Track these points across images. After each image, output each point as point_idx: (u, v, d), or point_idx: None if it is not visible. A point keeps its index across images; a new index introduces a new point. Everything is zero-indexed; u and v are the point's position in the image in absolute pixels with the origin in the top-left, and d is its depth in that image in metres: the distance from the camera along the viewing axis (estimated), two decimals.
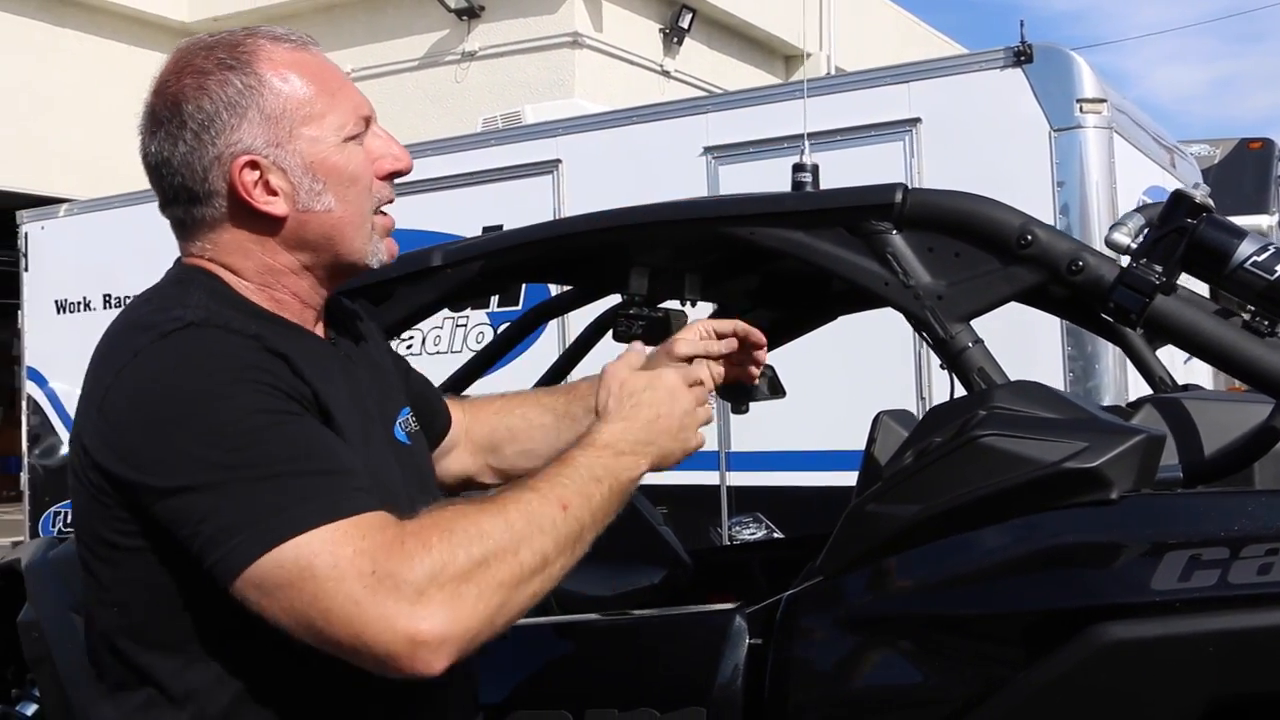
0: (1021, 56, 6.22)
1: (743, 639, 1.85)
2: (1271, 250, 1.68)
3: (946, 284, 1.85)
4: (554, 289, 6.60)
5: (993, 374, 1.83)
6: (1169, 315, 1.72)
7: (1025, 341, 5.53)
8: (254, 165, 1.36)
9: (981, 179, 6.00)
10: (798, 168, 2.23)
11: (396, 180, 1.47)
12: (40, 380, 9.33)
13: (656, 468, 1.46)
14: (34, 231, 9.48)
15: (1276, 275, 1.66)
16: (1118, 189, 6.23)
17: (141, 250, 8.81)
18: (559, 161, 7.39)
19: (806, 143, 2.48)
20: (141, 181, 1.46)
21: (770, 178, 3.62)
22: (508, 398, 1.86)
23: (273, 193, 1.38)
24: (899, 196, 1.86)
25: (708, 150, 6.96)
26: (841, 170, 5.33)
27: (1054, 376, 5.96)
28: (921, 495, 1.72)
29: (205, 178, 1.36)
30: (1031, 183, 6.12)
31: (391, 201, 1.47)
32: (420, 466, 1.57)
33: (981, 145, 6.32)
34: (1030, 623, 1.64)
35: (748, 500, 6.64)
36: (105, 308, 9.02)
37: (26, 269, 9.49)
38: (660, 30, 13.37)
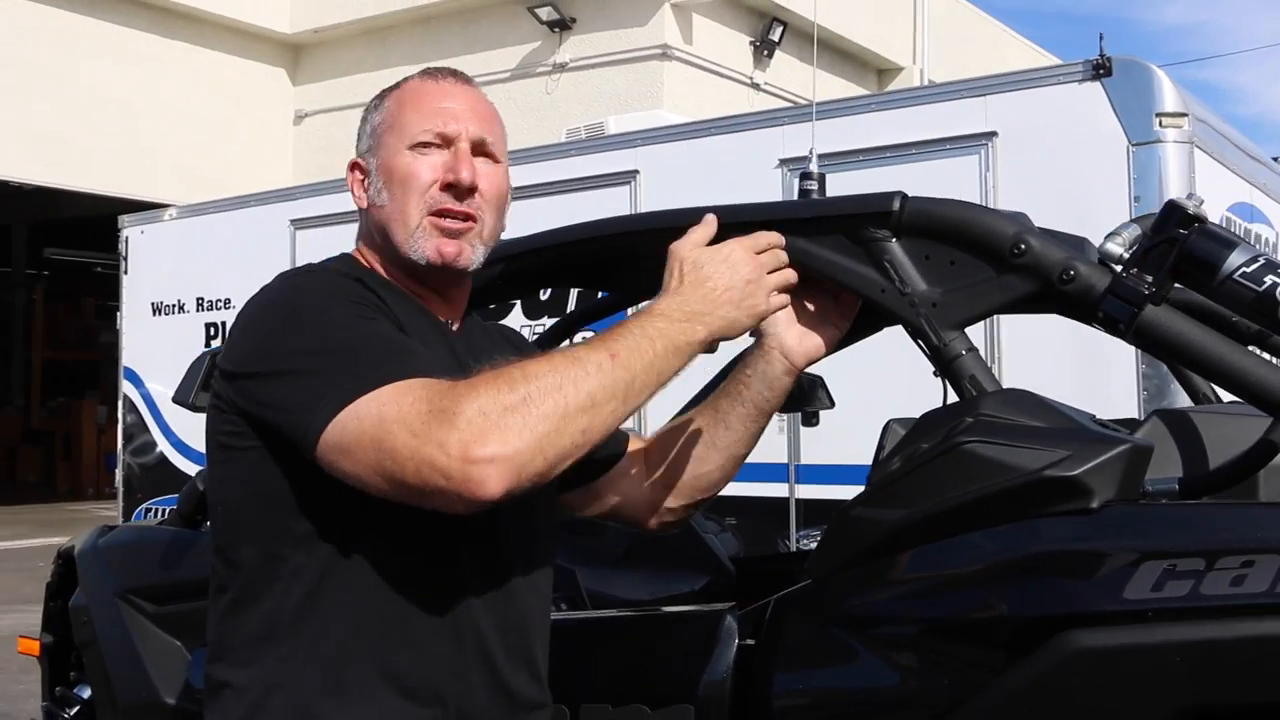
0: (1100, 70, 6.13)
1: (733, 639, 1.88)
2: (1262, 261, 1.66)
3: (942, 291, 1.86)
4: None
5: (984, 381, 1.83)
6: (1158, 326, 1.71)
7: (1098, 358, 5.47)
8: (355, 166, 1.70)
9: (1058, 193, 6.03)
10: (804, 176, 2.26)
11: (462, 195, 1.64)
12: (136, 380, 9.64)
13: (724, 335, 1.59)
14: (134, 236, 9.81)
15: (1265, 286, 1.64)
16: None
17: (235, 255, 9.16)
18: (636, 172, 7.47)
19: (814, 155, 2.49)
20: (238, 188, 1.68)
21: (845, 190, 3.63)
22: (679, 422, 1.93)
23: (364, 189, 1.68)
24: (897, 204, 1.88)
25: (783, 162, 6.97)
26: (918, 184, 5.30)
27: (1128, 393, 5.87)
28: (906, 500, 1.73)
29: (348, 179, 1.71)
30: (1108, 197, 6.03)
31: (449, 211, 1.63)
32: None
33: (1058, 159, 6.25)
34: (1008, 628, 1.64)
35: (817, 513, 6.63)
36: (198, 310, 9.31)
37: (126, 272, 9.83)
38: (751, 43, 13.41)
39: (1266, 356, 1.93)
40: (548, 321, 7.48)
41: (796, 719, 1.80)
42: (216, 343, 9.20)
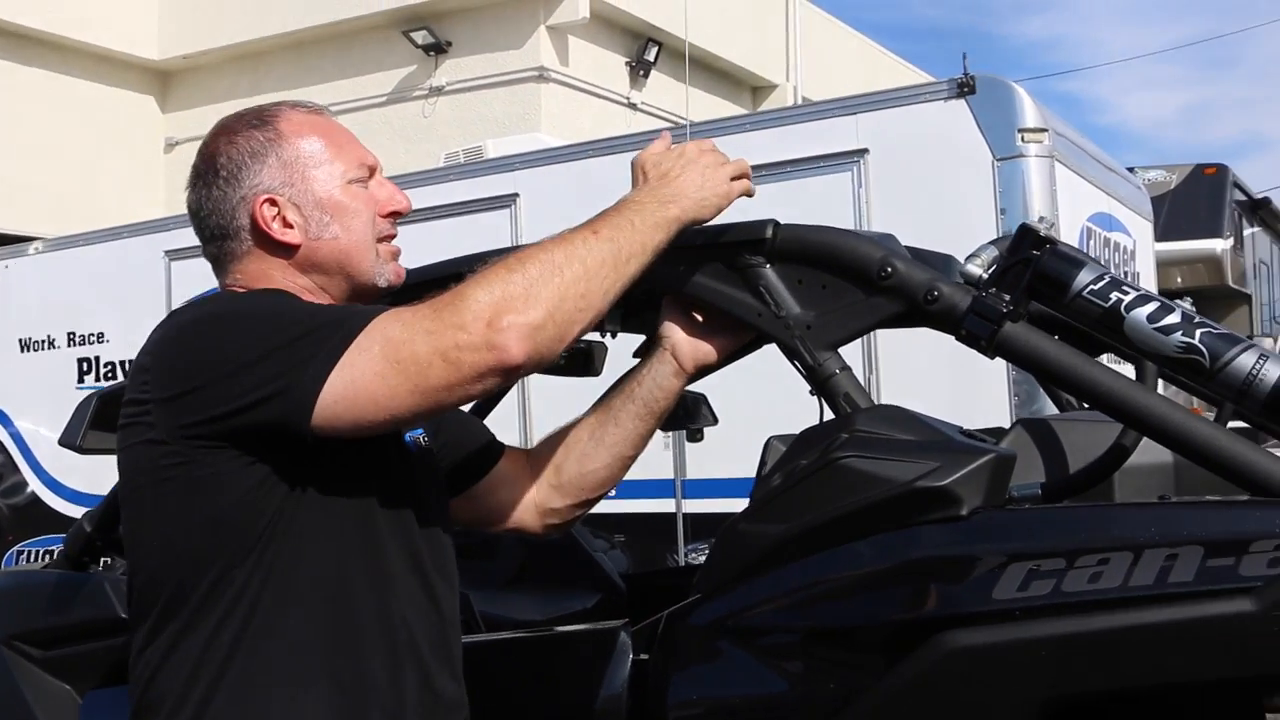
0: (965, 88, 6.36)
1: (627, 654, 1.94)
2: (1107, 280, 1.78)
3: (815, 314, 1.94)
4: None
5: (857, 399, 1.92)
6: (1016, 341, 1.82)
7: (970, 369, 5.66)
8: (272, 202, 1.66)
9: (928, 208, 6.23)
10: None
11: (398, 219, 1.75)
12: (5, 420, 9.36)
13: (697, 216, 1.76)
14: None
15: (1110, 302, 1.76)
16: (1060, 216, 6.36)
17: (107, 288, 8.96)
18: (516, 195, 7.51)
19: None
20: (110, 219, 1.66)
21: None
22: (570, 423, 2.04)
23: (288, 225, 1.67)
24: (770, 232, 1.96)
25: None
26: (794, 201, 5.47)
27: (1000, 400, 6.08)
28: (788, 514, 1.82)
29: (234, 215, 1.67)
30: (976, 211, 6.25)
31: (394, 236, 1.74)
32: (432, 469, 1.81)
33: (927, 175, 6.46)
34: (886, 632, 1.72)
35: (704, 527, 6.72)
36: (70, 345, 9.09)
37: None
38: (627, 63, 13.52)
39: (1118, 367, 2.06)
40: None
41: None
42: (91, 379, 8.99)
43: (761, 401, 4.69)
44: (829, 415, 2.00)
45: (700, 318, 1.99)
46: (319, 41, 13.67)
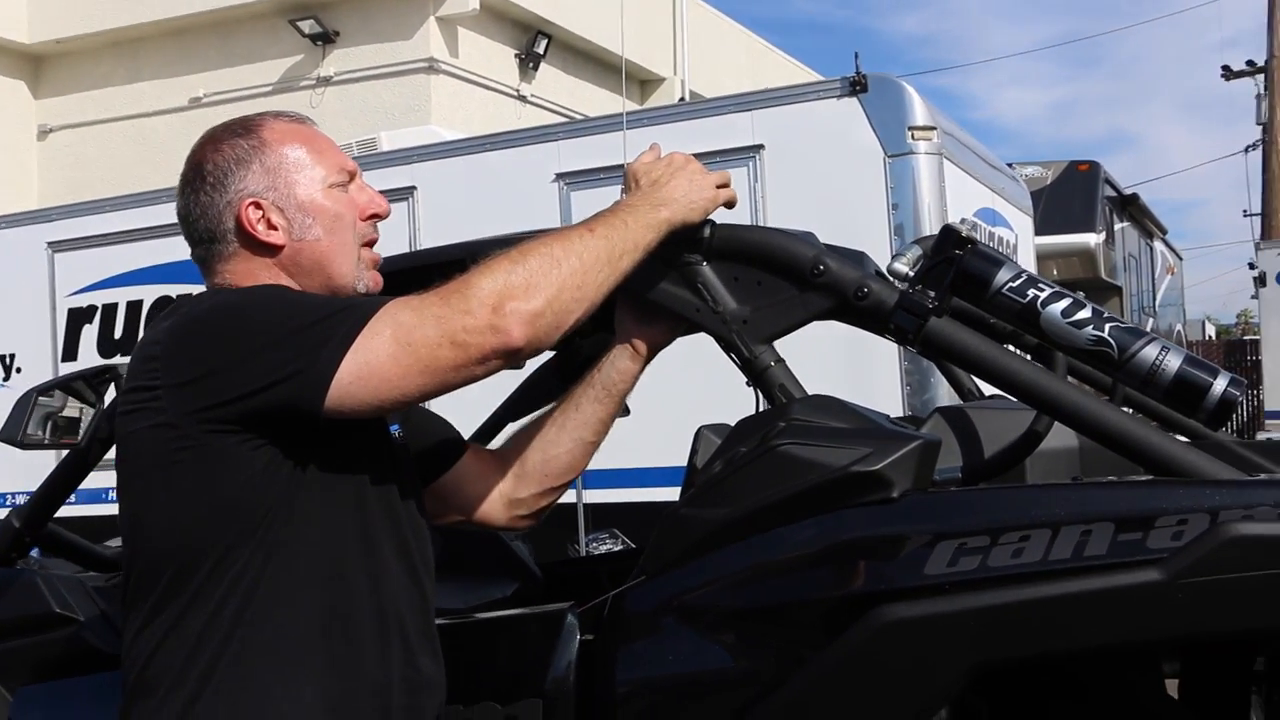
0: (857, 86, 6.55)
1: (574, 635, 2.02)
2: (1024, 277, 1.92)
3: (751, 309, 2.05)
4: None
5: (792, 389, 2.04)
6: (940, 335, 1.95)
7: (865, 358, 5.84)
8: (257, 205, 1.75)
9: (822, 203, 6.41)
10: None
11: (378, 222, 1.84)
12: None
13: (688, 217, 1.89)
14: None
15: (1027, 299, 1.90)
16: (948, 211, 6.59)
17: None
18: (414, 188, 7.51)
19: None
20: None
21: None
22: (533, 415, 2.16)
23: (273, 227, 1.75)
24: (707, 231, 2.06)
25: (560, 176, 7.15)
26: None
27: (892, 388, 6.29)
28: (728, 499, 1.92)
29: (220, 219, 1.75)
30: (868, 206, 6.45)
31: (375, 240, 1.82)
32: (409, 461, 1.88)
33: (821, 171, 6.64)
34: (825, 609, 1.84)
35: (605, 517, 6.81)
36: None
37: None
38: (516, 55, 13.54)
39: (1026, 355, 2.21)
40: None
41: (637, 703, 1.96)
42: None
43: (661, 395, 4.80)
44: (764, 406, 2.11)
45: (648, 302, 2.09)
46: (201, 29, 13.41)
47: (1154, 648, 1.97)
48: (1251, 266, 14.07)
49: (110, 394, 2.69)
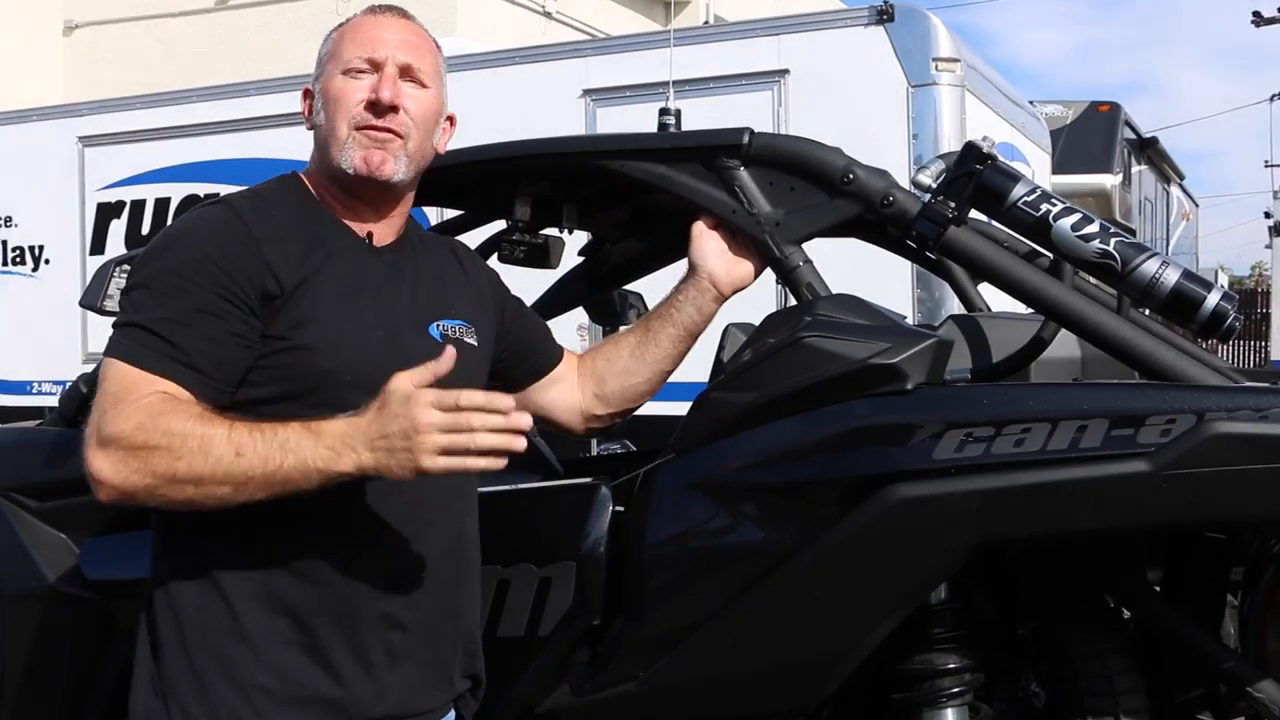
0: (884, 15, 6.63)
1: (607, 506, 2.20)
2: (1039, 193, 2.07)
3: (784, 213, 2.21)
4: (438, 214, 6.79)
5: (818, 287, 2.20)
6: (959, 243, 2.11)
7: (877, 285, 5.98)
8: (308, 93, 1.91)
9: (844, 130, 6.44)
10: (663, 111, 2.58)
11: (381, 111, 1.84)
12: None
13: (382, 474, 1.60)
14: None
15: (1040, 213, 2.05)
16: None
17: (14, 172, 8.87)
18: None
19: (672, 89, 2.81)
20: (4, 103, 1.92)
21: (646, 121, 3.97)
22: (615, 338, 2.28)
23: (314, 113, 1.89)
24: (746, 138, 2.21)
25: (587, 93, 7.25)
26: (712, 118, 5.67)
27: (904, 313, 6.43)
28: (756, 385, 2.09)
29: (302, 106, 1.93)
30: (889, 135, 6.54)
31: (369, 126, 1.85)
32: (458, 365, 1.65)
33: (845, 98, 6.73)
34: (841, 487, 2.01)
35: (615, 429, 6.99)
36: None
37: None
38: None
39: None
40: None
41: (661, 568, 2.14)
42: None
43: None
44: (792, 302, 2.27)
45: (737, 239, 2.23)
46: None
47: (1140, 533, 2.14)
48: (1267, 215, 14.14)
49: None
